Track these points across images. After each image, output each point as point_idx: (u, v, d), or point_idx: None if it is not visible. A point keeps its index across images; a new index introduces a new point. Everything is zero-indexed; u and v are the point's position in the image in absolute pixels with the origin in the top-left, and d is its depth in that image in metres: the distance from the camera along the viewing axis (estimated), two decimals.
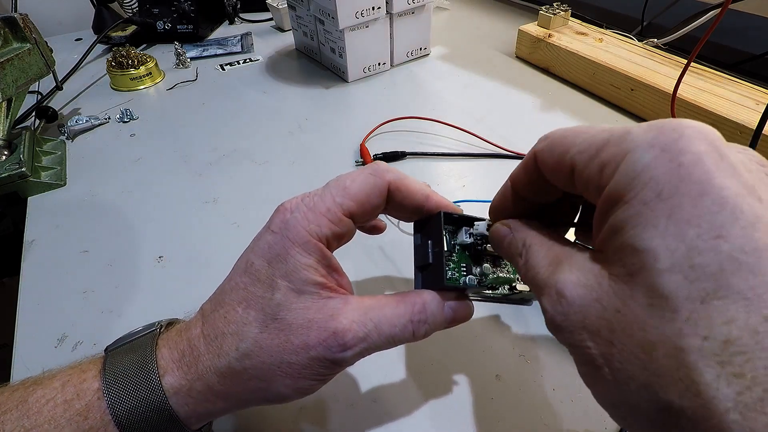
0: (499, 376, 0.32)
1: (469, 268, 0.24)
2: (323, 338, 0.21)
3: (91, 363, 0.23)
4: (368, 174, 0.23)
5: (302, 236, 0.21)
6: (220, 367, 0.21)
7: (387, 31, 0.68)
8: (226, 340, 0.21)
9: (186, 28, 0.83)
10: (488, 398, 0.31)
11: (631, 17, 0.78)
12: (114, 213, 0.48)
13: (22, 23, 0.52)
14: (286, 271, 0.21)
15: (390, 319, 0.22)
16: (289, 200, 0.23)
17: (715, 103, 0.50)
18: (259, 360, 0.21)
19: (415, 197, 0.24)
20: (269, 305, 0.21)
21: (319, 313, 0.21)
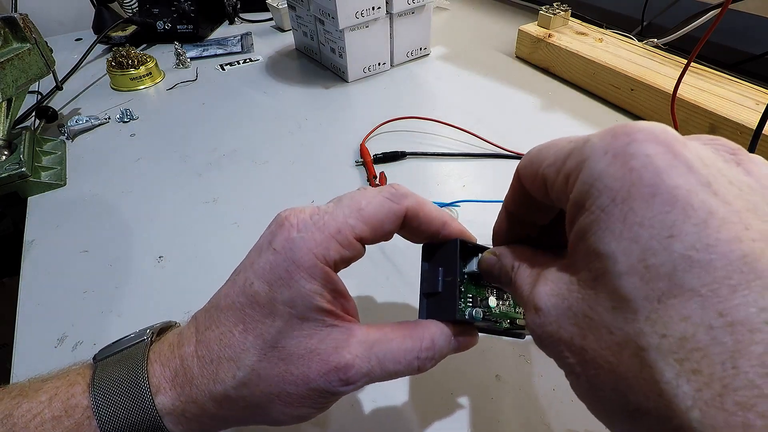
0: (499, 376, 0.32)
1: (475, 300, 0.23)
2: (324, 371, 0.20)
3: (78, 374, 0.22)
4: (385, 198, 0.21)
5: (308, 260, 0.19)
6: (215, 393, 0.20)
7: (387, 31, 0.68)
8: (222, 366, 0.20)
9: (186, 28, 0.83)
10: (488, 398, 0.31)
11: (631, 17, 0.78)
12: (114, 213, 0.48)
13: (22, 23, 0.52)
14: (290, 297, 0.20)
15: (396, 355, 0.21)
16: (294, 213, 0.21)
17: (715, 103, 0.50)
18: (257, 389, 0.20)
19: (431, 225, 0.23)
20: (269, 332, 0.20)
21: (322, 343, 0.20)
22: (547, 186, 0.18)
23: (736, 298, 0.12)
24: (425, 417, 0.30)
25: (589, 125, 0.57)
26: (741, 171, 0.14)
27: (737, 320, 0.12)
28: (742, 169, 0.14)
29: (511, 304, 0.25)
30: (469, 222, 0.44)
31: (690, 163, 0.14)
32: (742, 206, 0.13)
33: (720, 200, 0.13)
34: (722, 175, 0.14)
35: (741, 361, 0.11)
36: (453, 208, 0.45)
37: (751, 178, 0.14)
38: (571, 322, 0.15)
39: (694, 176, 0.13)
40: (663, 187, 0.13)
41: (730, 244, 0.12)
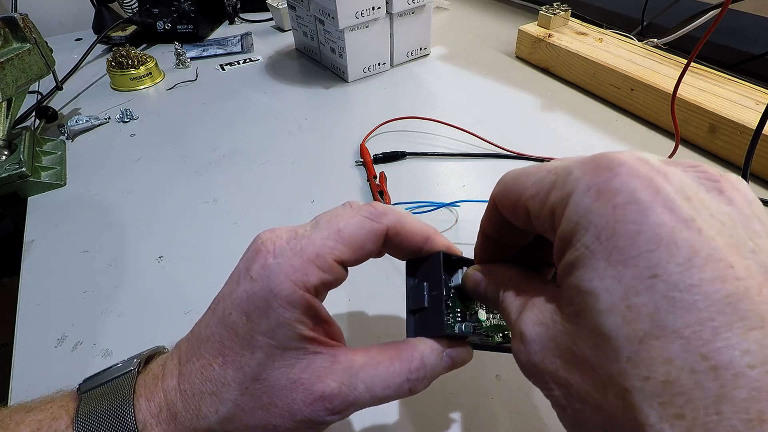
0: (499, 376, 0.32)
1: (463, 314, 0.22)
2: (309, 402, 0.19)
3: (62, 407, 0.21)
4: (364, 218, 0.21)
5: (286, 288, 0.19)
6: (199, 429, 0.20)
7: (387, 31, 0.68)
8: (204, 401, 0.19)
9: (186, 28, 0.83)
10: (488, 398, 0.31)
11: (631, 17, 0.78)
12: (114, 213, 0.48)
13: (22, 23, 0.52)
14: (268, 328, 0.19)
15: (384, 379, 0.20)
16: (271, 237, 0.20)
17: (715, 103, 0.50)
18: (241, 423, 0.19)
19: (414, 240, 0.22)
20: (249, 365, 0.19)
21: (305, 372, 0.19)
22: (531, 217, 0.18)
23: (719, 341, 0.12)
24: (425, 417, 0.30)
25: (589, 125, 0.57)
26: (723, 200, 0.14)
27: (721, 364, 0.12)
28: (725, 198, 0.14)
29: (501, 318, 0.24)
30: (469, 222, 0.44)
31: (672, 199, 0.13)
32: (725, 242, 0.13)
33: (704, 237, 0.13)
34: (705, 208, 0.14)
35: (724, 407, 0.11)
36: (453, 208, 0.45)
37: (733, 208, 0.14)
38: (556, 353, 0.15)
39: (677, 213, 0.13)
40: (647, 224, 0.13)
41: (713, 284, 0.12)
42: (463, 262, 0.23)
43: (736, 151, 0.49)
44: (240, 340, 0.19)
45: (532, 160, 0.52)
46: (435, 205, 0.45)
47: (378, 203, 0.22)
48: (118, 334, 0.36)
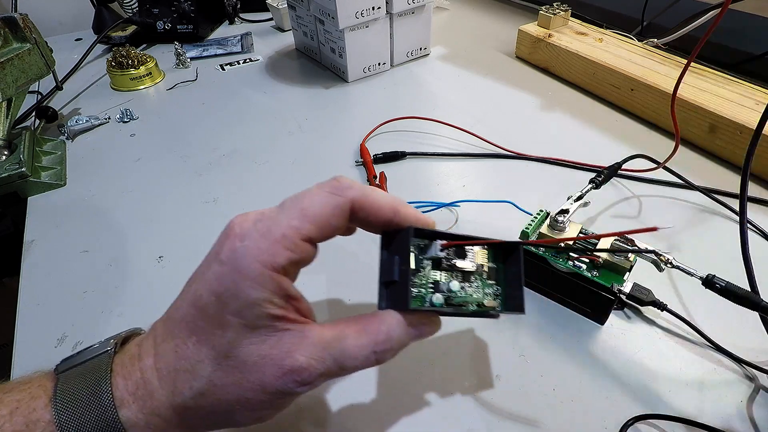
0: (499, 376, 0.32)
1: (436, 285, 0.23)
2: (279, 375, 0.20)
3: (40, 386, 0.21)
4: (327, 193, 0.21)
5: (254, 269, 0.19)
6: (175, 404, 0.20)
7: (387, 31, 0.68)
8: (179, 378, 0.20)
9: (186, 28, 0.83)
10: (488, 398, 0.31)
11: (631, 17, 0.78)
12: (114, 213, 0.48)
13: (22, 23, 0.52)
14: (238, 308, 0.19)
15: (351, 352, 0.21)
16: (240, 221, 0.21)
17: (715, 103, 0.50)
18: (215, 398, 0.20)
19: (381, 213, 0.22)
20: (221, 343, 0.20)
21: (275, 348, 0.20)
22: None
23: None
24: (425, 417, 0.30)
25: (589, 125, 0.57)
26: None
27: None
28: None
29: (479, 286, 0.24)
30: (469, 222, 0.44)
31: None
32: None
33: None
34: None
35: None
36: (453, 208, 0.45)
37: None
38: None
39: None
40: None
41: None
42: (437, 235, 0.24)
43: (736, 151, 0.49)
44: (211, 320, 0.20)
45: (532, 160, 0.52)
46: (435, 205, 0.45)
47: (343, 177, 0.22)
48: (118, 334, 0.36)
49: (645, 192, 0.47)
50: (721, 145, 0.50)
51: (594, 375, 0.32)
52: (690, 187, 0.46)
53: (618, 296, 0.34)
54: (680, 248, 0.41)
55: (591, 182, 0.41)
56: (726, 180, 0.48)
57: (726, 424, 0.29)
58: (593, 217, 0.44)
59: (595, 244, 0.35)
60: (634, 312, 0.36)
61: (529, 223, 0.36)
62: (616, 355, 0.33)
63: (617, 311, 0.36)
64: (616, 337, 0.34)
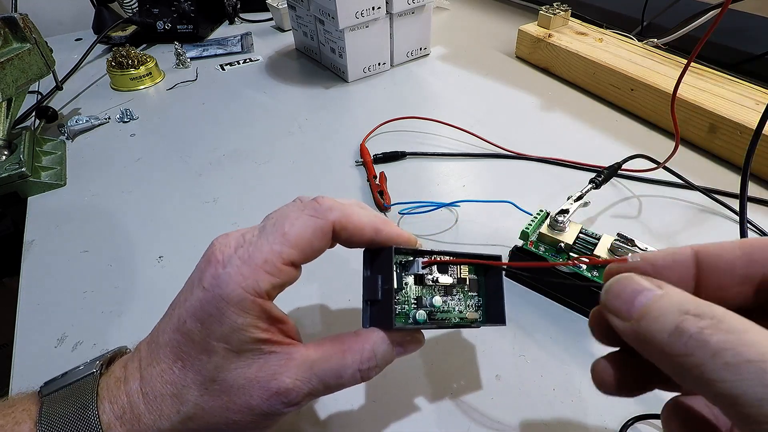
0: (499, 376, 0.32)
1: (419, 301, 0.23)
2: (266, 398, 0.20)
3: (24, 411, 0.21)
4: (308, 216, 0.21)
5: (237, 295, 0.19)
6: (163, 429, 0.20)
7: (387, 31, 0.68)
8: (165, 402, 0.20)
9: (186, 28, 0.83)
10: (488, 398, 0.31)
11: (631, 17, 0.78)
12: (114, 213, 0.48)
13: (22, 23, 0.52)
14: (222, 334, 0.20)
15: (336, 371, 0.21)
16: (221, 246, 0.21)
17: (715, 103, 0.50)
18: (203, 421, 0.20)
19: (363, 233, 0.22)
20: (207, 368, 0.20)
21: (261, 371, 0.20)
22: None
23: None
24: (425, 417, 0.30)
25: (589, 125, 0.57)
26: None
27: None
28: None
29: (461, 298, 0.25)
30: (469, 222, 0.44)
31: None
32: None
33: None
34: None
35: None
36: (453, 208, 0.45)
37: None
38: None
39: None
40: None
41: None
42: (418, 254, 0.24)
43: (736, 151, 0.49)
44: (196, 346, 0.20)
45: (532, 160, 0.52)
46: (435, 205, 0.45)
47: (324, 198, 0.22)
48: (118, 334, 0.36)
49: (645, 192, 0.47)
50: (721, 145, 0.50)
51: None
52: (690, 187, 0.46)
53: None
54: None
55: (591, 182, 0.41)
56: (726, 180, 0.48)
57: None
58: (593, 217, 0.44)
59: (594, 244, 0.35)
60: None
61: (529, 223, 0.36)
62: None
63: None
64: None
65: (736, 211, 0.43)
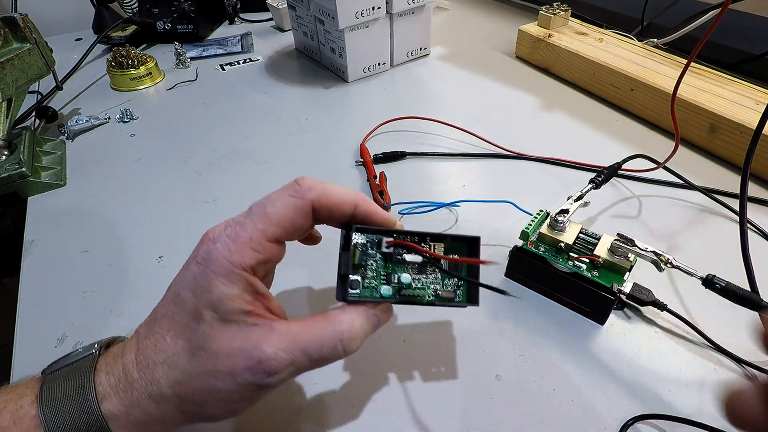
0: (499, 376, 0.32)
1: (389, 277, 0.25)
2: (249, 366, 0.21)
3: (27, 387, 0.22)
4: (288, 196, 0.23)
5: (225, 267, 0.21)
6: (153, 394, 0.22)
7: (387, 31, 0.68)
8: (157, 369, 0.22)
9: (186, 28, 0.83)
10: (488, 398, 0.31)
11: (631, 17, 0.78)
12: (114, 213, 0.48)
13: (22, 23, 0.52)
14: (211, 302, 0.21)
15: (317, 342, 0.22)
16: (213, 228, 0.23)
17: (715, 103, 0.50)
18: (190, 387, 0.22)
19: (343, 209, 0.24)
20: (195, 335, 0.22)
21: (245, 342, 0.21)
22: None
23: None
24: (425, 417, 0.30)
25: (589, 125, 0.57)
26: None
27: None
28: None
29: (439, 278, 0.26)
30: (469, 222, 0.44)
31: None
32: None
33: None
34: None
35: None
36: (453, 208, 0.45)
37: None
38: None
39: None
40: None
41: None
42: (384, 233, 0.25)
43: (736, 151, 0.49)
44: (188, 314, 0.22)
45: (532, 160, 0.52)
46: (435, 205, 0.45)
47: (305, 179, 0.24)
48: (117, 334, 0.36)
49: (645, 192, 0.47)
50: (721, 145, 0.50)
51: (594, 375, 0.32)
52: (690, 187, 0.46)
53: (618, 296, 0.34)
54: (680, 248, 0.41)
55: (591, 182, 0.41)
56: (726, 180, 0.48)
57: (726, 424, 0.29)
58: (593, 217, 0.44)
59: (594, 244, 0.35)
60: (634, 312, 0.36)
61: (529, 223, 0.36)
62: (616, 355, 0.33)
63: (617, 311, 0.36)
64: (616, 337, 0.34)
65: (736, 211, 0.43)
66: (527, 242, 0.36)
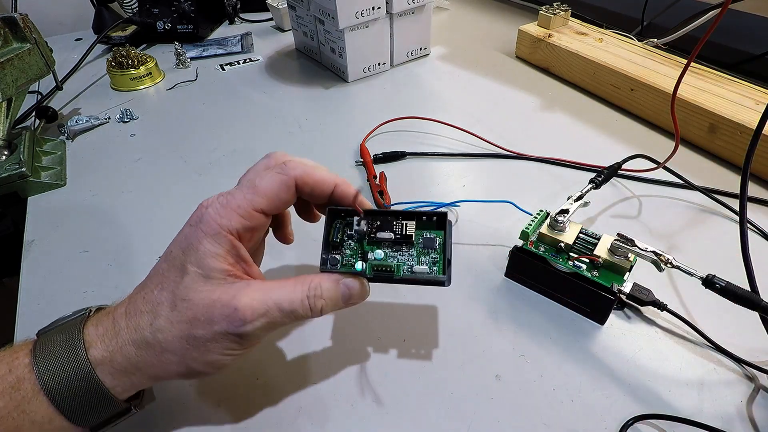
0: (499, 376, 0.32)
1: (365, 255, 0.27)
2: (226, 314, 0.23)
3: (23, 344, 0.25)
4: (276, 172, 0.26)
5: (213, 228, 0.24)
6: (136, 340, 0.24)
7: (387, 31, 0.68)
8: (143, 318, 0.24)
9: (186, 28, 0.83)
10: (488, 398, 0.31)
11: (631, 17, 0.78)
12: (114, 213, 0.48)
13: (22, 23, 0.52)
14: (196, 258, 0.24)
15: (288, 296, 0.24)
16: (208, 198, 0.26)
17: (715, 103, 0.50)
18: (170, 334, 0.23)
19: (324, 186, 0.27)
20: (179, 288, 0.24)
21: (223, 294, 0.24)
22: None
23: None
24: (425, 417, 0.30)
25: (589, 125, 0.57)
26: None
27: None
28: None
29: (413, 255, 0.27)
30: (469, 222, 0.44)
31: None
32: None
33: None
34: None
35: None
36: (453, 208, 0.45)
37: None
38: None
39: None
40: None
41: None
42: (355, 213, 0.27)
43: (736, 151, 0.49)
44: (175, 269, 0.24)
45: (532, 160, 0.52)
46: (435, 205, 0.45)
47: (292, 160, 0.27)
48: None
49: (645, 192, 0.47)
50: (721, 145, 0.50)
51: (594, 375, 0.32)
52: (690, 187, 0.46)
53: (618, 296, 0.34)
54: (680, 248, 0.41)
55: (591, 182, 0.41)
56: (726, 180, 0.48)
57: (726, 424, 0.29)
58: (593, 217, 0.44)
59: (594, 244, 0.35)
60: (634, 312, 0.36)
61: (529, 223, 0.36)
62: (616, 355, 0.33)
63: (617, 311, 0.36)
64: (616, 337, 0.34)
65: (736, 211, 0.43)
66: (527, 242, 0.36)
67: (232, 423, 0.30)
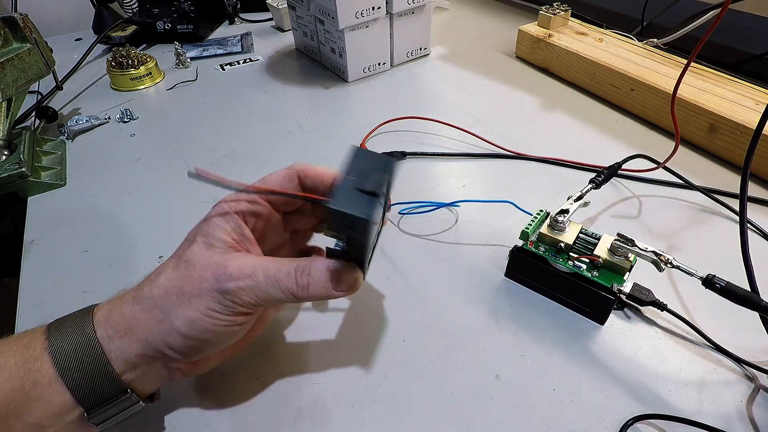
0: (499, 376, 0.32)
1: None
2: (217, 274, 0.25)
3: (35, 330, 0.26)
4: (284, 168, 0.30)
5: (222, 208, 0.28)
6: (135, 297, 0.26)
7: (387, 31, 0.68)
8: (146, 282, 0.26)
9: (186, 28, 0.83)
10: (488, 398, 0.31)
11: (631, 17, 0.78)
12: (114, 213, 0.48)
13: (22, 23, 0.52)
14: (205, 231, 0.27)
15: (277, 266, 0.26)
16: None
17: (715, 103, 0.50)
18: (163, 289, 0.25)
19: (324, 178, 0.30)
20: (184, 252, 0.26)
21: (220, 259, 0.26)
22: None
23: None
24: (425, 417, 0.30)
25: (589, 125, 0.57)
26: None
27: None
28: None
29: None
30: (470, 222, 0.44)
31: None
32: None
33: None
34: None
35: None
36: (453, 208, 0.45)
37: None
38: None
39: None
40: None
41: None
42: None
43: (736, 151, 0.49)
44: (187, 242, 0.27)
45: (532, 160, 0.52)
46: (435, 205, 0.45)
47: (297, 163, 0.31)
48: None
49: (645, 192, 0.47)
50: (721, 145, 0.50)
51: (594, 375, 0.32)
52: (690, 187, 0.46)
53: (618, 296, 0.34)
54: (680, 248, 0.41)
55: (591, 182, 0.41)
56: (726, 180, 0.48)
57: (726, 424, 0.29)
58: (593, 217, 0.44)
59: (594, 244, 0.35)
60: (634, 312, 0.36)
61: (529, 223, 0.36)
62: (616, 355, 0.33)
63: (617, 311, 0.36)
64: (616, 337, 0.34)
65: (736, 211, 0.43)
66: (527, 242, 0.36)
67: (232, 423, 0.30)
